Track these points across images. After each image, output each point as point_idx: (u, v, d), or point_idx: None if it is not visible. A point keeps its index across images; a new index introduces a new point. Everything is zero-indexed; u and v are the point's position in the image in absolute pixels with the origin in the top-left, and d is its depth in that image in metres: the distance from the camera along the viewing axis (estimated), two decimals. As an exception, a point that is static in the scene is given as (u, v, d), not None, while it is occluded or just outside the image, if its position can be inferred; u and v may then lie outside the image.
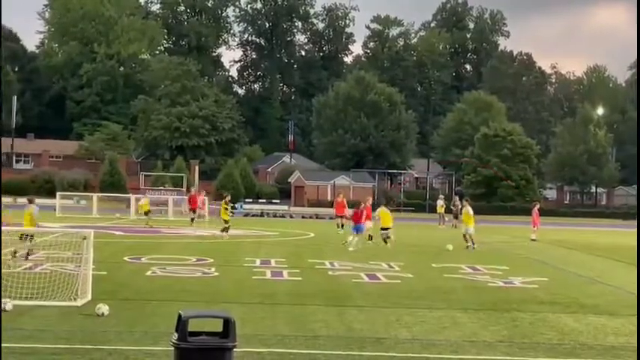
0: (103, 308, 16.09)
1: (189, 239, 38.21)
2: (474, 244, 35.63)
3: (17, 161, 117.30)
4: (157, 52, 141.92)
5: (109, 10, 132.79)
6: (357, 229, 34.35)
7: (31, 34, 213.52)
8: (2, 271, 20.16)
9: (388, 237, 35.43)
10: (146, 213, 49.06)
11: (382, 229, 35.85)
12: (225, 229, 38.31)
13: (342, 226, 45.55)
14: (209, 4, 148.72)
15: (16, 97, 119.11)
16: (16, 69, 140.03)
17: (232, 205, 56.10)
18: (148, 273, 23.85)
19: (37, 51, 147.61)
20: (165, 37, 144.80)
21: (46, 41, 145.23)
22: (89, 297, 17.55)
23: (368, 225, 36.50)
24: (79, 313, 16.30)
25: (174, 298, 18.84)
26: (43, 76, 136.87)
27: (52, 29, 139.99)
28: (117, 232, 40.64)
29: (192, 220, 49.82)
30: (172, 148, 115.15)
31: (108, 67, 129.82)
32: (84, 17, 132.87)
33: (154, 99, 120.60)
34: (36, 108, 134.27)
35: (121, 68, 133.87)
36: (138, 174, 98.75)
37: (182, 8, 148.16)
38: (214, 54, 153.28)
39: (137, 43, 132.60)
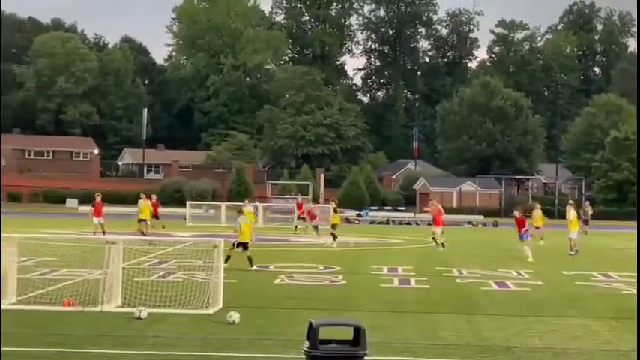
0: (234, 316, 16.33)
1: (316, 247, 38.43)
2: (572, 249, 35.21)
3: (148, 171, 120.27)
4: (282, 61, 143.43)
5: (234, 22, 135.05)
6: (523, 237, 33.65)
7: (160, 48, 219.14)
8: (138, 279, 20.73)
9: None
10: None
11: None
12: (334, 235, 38.50)
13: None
14: (333, 13, 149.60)
15: (146, 109, 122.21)
16: (146, 82, 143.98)
17: (359, 213, 56.27)
18: (277, 281, 24.11)
19: (165, 64, 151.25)
20: (290, 46, 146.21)
21: (174, 54, 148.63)
22: (220, 305, 17.83)
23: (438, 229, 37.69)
24: (211, 321, 16.59)
25: (302, 305, 18.98)
26: (172, 88, 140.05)
27: (180, 42, 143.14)
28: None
29: (296, 227, 49.93)
30: (298, 157, 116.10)
31: (234, 77, 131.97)
32: (210, 29, 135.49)
33: (279, 108, 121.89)
34: (165, 119, 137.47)
35: (247, 79, 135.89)
36: (264, 183, 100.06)
37: (306, 18, 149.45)
38: (338, 62, 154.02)
39: (262, 53, 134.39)
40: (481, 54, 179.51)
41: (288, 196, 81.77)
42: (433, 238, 38.43)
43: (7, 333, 15.03)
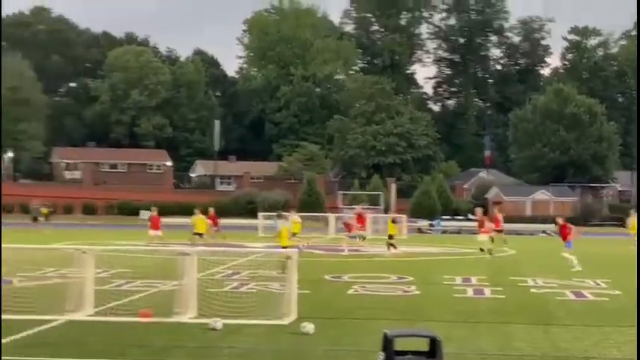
0: (309, 327, 16.34)
1: (387, 257, 38.29)
2: None
3: (220, 183, 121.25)
4: (352, 71, 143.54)
5: (304, 33, 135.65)
6: (568, 245, 33.17)
7: (231, 60, 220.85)
8: (212, 290, 20.87)
9: None
10: (391, 237, 43.17)
11: None
12: (392, 245, 38.35)
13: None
14: (402, 23, 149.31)
15: (218, 121, 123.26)
16: (218, 94, 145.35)
17: (431, 222, 56.00)
18: (350, 291, 24.07)
19: (236, 76, 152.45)
20: (360, 56, 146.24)
21: (245, 66, 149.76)
22: (294, 315, 17.84)
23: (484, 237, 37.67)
24: (286, 332, 16.62)
25: (376, 316, 18.93)
26: (243, 100, 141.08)
27: (251, 54, 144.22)
28: (317, 251, 41.19)
29: (361, 238, 49.81)
30: (369, 167, 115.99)
31: (304, 88, 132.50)
32: (281, 41, 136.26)
33: (349, 118, 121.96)
34: (237, 131, 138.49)
35: (317, 89, 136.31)
36: (335, 193, 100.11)
37: (376, 27, 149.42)
38: (408, 71, 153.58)
39: (332, 63, 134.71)
40: (554, 61, 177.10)
41: (359, 206, 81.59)
42: (481, 249, 38.15)
43: (84, 344, 15.26)
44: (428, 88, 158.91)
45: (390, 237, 39.45)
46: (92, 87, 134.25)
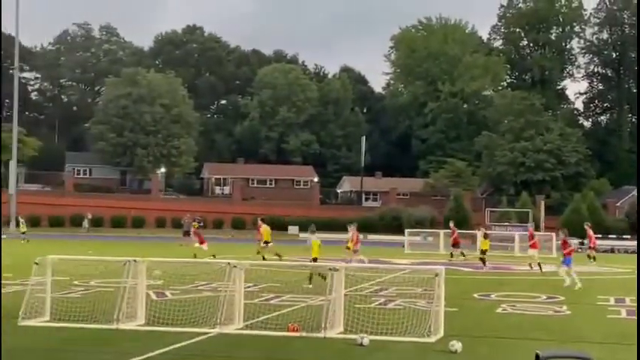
0: (457, 345, 16.14)
1: (537, 276, 37.53)
2: None
3: (366, 199, 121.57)
4: (500, 87, 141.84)
5: (453, 48, 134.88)
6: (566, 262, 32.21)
7: (378, 76, 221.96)
8: (359, 305, 20.89)
9: None
10: (483, 252, 43.32)
11: None
12: (483, 261, 38.56)
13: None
14: (552, 37, 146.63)
15: (364, 137, 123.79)
16: (365, 110, 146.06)
17: (581, 241, 54.50)
18: (499, 310, 23.72)
19: (383, 92, 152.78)
20: (508, 72, 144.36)
21: (392, 82, 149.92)
22: (441, 333, 17.68)
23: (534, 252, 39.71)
24: (433, 350, 16.47)
25: (526, 336, 18.57)
26: (390, 116, 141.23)
27: (398, 70, 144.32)
28: (464, 269, 40.77)
29: (451, 254, 49.31)
30: (517, 184, 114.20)
31: (452, 104, 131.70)
32: (428, 57, 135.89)
33: (497, 135, 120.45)
34: (383, 147, 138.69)
35: (465, 105, 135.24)
36: (483, 210, 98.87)
37: (525, 43, 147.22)
38: (559, 87, 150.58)
39: (480, 79, 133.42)
40: None
41: (507, 224, 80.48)
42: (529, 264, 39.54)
43: (234, 358, 15.51)
44: (579, 104, 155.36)
45: (483, 252, 39.50)
46: (242, 104, 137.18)
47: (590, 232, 48.28)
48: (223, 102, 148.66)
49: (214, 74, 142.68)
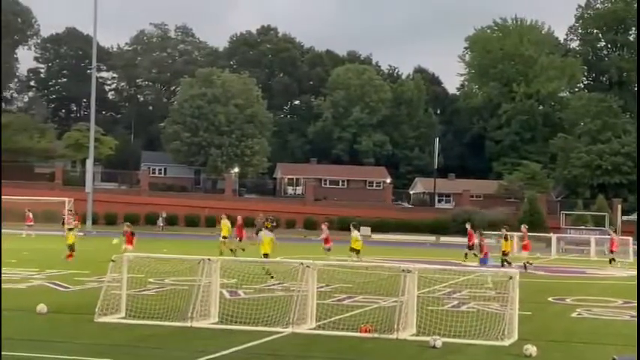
0: (531, 349, 15.96)
1: (613, 280, 36.94)
2: None
3: (439, 201, 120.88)
4: (577, 89, 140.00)
5: (528, 49, 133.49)
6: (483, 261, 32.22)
7: (451, 77, 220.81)
8: (432, 307, 20.77)
9: None
10: (505, 253, 41.61)
11: None
12: (507, 262, 39.02)
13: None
14: (631, 39, 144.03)
15: (438, 138, 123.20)
16: (438, 111, 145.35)
17: None
18: (574, 314, 23.42)
19: (457, 93, 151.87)
20: (585, 73, 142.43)
21: (466, 83, 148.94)
22: (515, 337, 17.50)
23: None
24: (507, 353, 16.32)
25: (601, 341, 18.30)
26: (463, 117, 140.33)
27: (472, 71, 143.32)
28: (539, 272, 40.29)
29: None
30: (593, 187, 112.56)
31: (527, 106, 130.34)
32: (503, 58, 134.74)
33: (573, 137, 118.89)
34: (456, 148, 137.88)
35: (540, 107, 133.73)
36: (558, 213, 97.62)
37: (602, 44, 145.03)
38: (637, 89, 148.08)
39: (556, 81, 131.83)
40: None
41: (583, 227, 79.30)
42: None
43: (307, 357, 15.55)
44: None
45: (505, 254, 39.32)
46: (315, 104, 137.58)
47: (614, 235, 49.02)
48: (296, 102, 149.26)
49: (288, 75, 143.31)
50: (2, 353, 14.52)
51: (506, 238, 40.61)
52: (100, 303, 19.15)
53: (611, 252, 49.43)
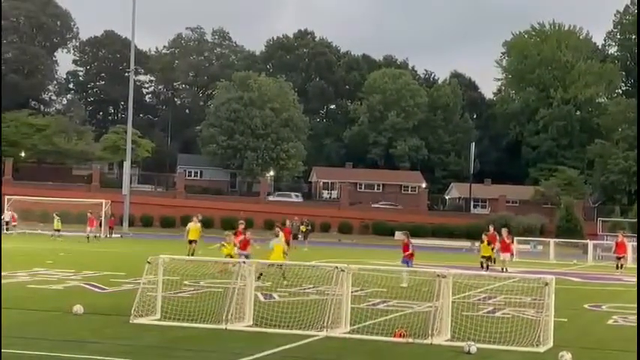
0: (566, 356, 15.83)
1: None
2: None
3: (475, 206, 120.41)
4: (615, 95, 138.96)
5: (565, 55, 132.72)
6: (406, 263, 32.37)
7: (488, 82, 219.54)
8: (466, 313, 20.72)
9: None
10: (486, 258, 42.24)
11: None
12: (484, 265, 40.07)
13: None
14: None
15: (474, 143, 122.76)
16: (474, 116, 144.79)
17: None
18: (610, 322, 23.22)
19: (494, 98, 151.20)
20: (623, 79, 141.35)
21: (503, 88, 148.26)
22: (551, 344, 17.38)
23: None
24: (542, 360, 16.24)
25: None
26: (500, 123, 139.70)
27: (510, 76, 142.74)
28: (575, 279, 40.03)
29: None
30: (631, 193, 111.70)
31: (564, 111, 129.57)
32: (541, 63, 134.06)
33: (610, 143, 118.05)
34: (493, 154, 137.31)
35: (578, 112, 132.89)
36: (594, 219, 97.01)
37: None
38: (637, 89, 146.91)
39: (594, 86, 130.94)
40: None
41: (620, 234, 78.58)
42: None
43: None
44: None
45: (486, 258, 40.97)
46: (351, 109, 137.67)
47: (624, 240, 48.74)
48: (332, 106, 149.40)
49: (324, 79, 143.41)
50: (37, 353, 14.69)
51: (488, 243, 41.24)
52: (136, 304, 19.28)
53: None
